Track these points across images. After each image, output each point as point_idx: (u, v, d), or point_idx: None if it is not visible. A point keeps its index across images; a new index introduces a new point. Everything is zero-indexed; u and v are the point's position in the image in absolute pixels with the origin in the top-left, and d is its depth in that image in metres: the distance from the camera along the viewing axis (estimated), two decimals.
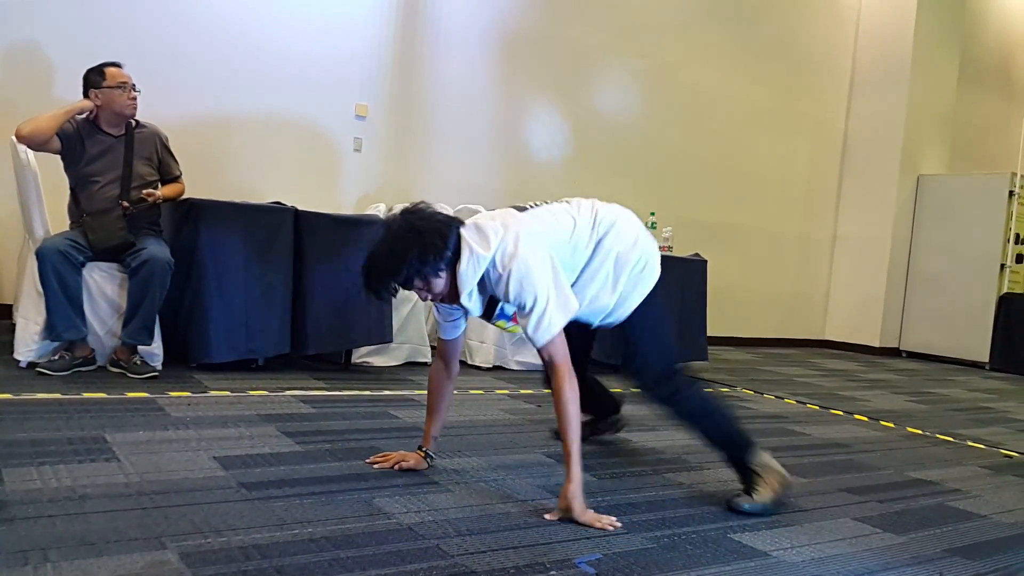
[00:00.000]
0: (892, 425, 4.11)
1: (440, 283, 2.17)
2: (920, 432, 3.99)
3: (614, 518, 2.13)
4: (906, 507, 2.61)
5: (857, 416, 4.28)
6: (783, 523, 2.30)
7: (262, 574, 1.60)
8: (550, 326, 2.14)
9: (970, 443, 3.82)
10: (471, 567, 1.75)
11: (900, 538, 2.27)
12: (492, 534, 1.96)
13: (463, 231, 2.19)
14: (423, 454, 2.47)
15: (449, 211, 4.58)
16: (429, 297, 2.21)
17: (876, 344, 8.08)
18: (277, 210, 3.93)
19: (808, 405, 4.51)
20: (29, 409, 2.72)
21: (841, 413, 4.34)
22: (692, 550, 2.00)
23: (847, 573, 1.95)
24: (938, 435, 3.95)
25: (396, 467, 2.40)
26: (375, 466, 2.41)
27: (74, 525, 1.76)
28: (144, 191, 3.59)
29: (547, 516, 2.12)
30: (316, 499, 2.08)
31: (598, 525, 2.08)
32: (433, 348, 4.57)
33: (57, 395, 2.96)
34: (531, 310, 2.14)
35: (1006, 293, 7.59)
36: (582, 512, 2.10)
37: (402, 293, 4.26)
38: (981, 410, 4.99)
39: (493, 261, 2.15)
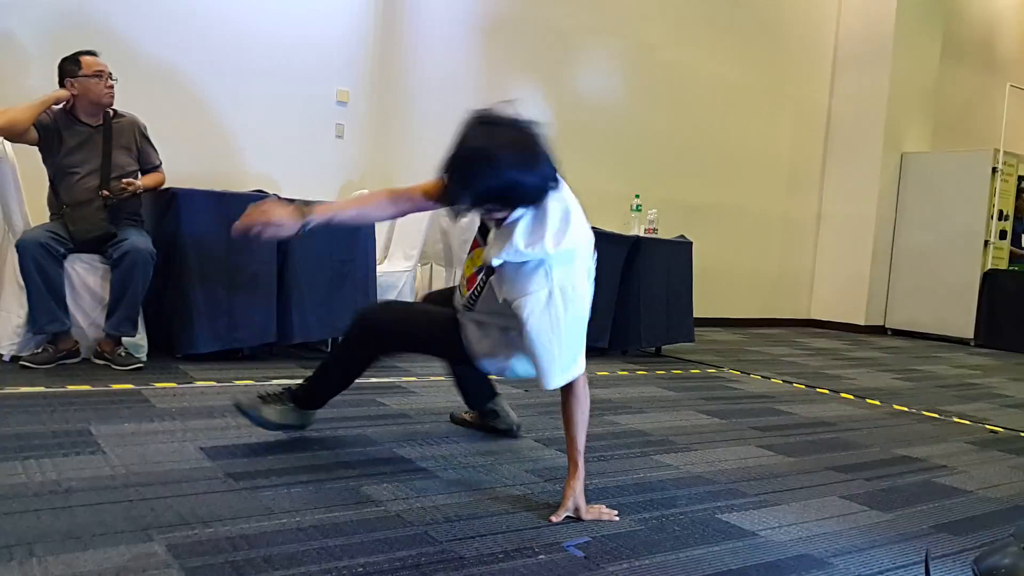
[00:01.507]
0: (878, 403, 4.14)
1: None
2: (906, 409, 4.02)
3: (615, 511, 2.09)
4: (893, 484, 2.62)
5: (843, 394, 4.31)
6: (770, 503, 2.31)
7: (250, 564, 1.60)
8: (576, 369, 2.02)
9: (956, 419, 3.85)
10: (460, 552, 1.75)
11: (887, 515, 2.29)
12: (480, 519, 1.96)
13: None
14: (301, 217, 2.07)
15: None
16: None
17: (861, 322, 8.13)
18: (259, 198, 3.89)
19: (794, 385, 4.54)
20: (13, 403, 2.70)
21: (827, 392, 4.37)
22: (680, 531, 2.01)
23: (834, 551, 1.97)
24: (924, 412, 3.97)
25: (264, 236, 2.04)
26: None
27: (60, 519, 1.74)
28: (124, 181, 3.55)
29: (552, 519, 2.00)
30: (304, 488, 2.08)
31: (605, 518, 2.05)
32: None
33: (41, 388, 2.94)
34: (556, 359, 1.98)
35: (990, 269, 7.64)
36: (587, 509, 2.05)
37: (389, 281, 4.22)
38: (966, 386, 5.03)
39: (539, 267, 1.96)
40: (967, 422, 3.80)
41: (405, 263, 4.61)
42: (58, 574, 1.49)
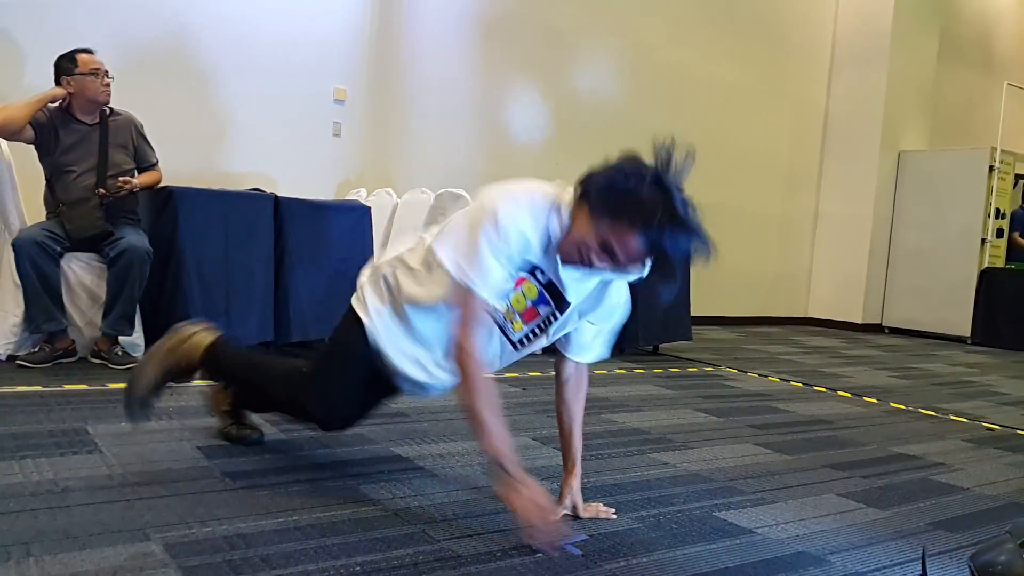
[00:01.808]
0: (875, 401, 4.14)
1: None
2: (903, 407, 4.02)
3: (612, 509, 2.09)
4: (889, 482, 2.63)
5: (840, 392, 4.31)
6: (767, 500, 2.32)
7: (247, 563, 1.59)
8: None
9: (952, 417, 3.85)
10: (457, 551, 1.75)
11: (884, 512, 2.29)
12: (478, 518, 1.96)
13: None
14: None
15: (431, 196, 4.53)
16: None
17: (859, 320, 8.13)
18: (257, 197, 3.90)
19: (791, 383, 4.54)
20: (9, 402, 2.70)
21: (824, 390, 4.37)
22: (677, 529, 2.01)
23: (832, 548, 1.97)
24: (921, 410, 3.98)
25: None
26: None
27: (57, 519, 1.74)
28: (120, 179, 3.55)
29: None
30: (301, 487, 2.08)
31: (603, 516, 2.04)
32: None
33: (38, 388, 2.93)
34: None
35: (987, 267, 7.66)
36: (584, 507, 2.04)
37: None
38: (963, 384, 5.03)
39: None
40: (964, 420, 3.80)
41: None
42: (55, 574, 1.48)
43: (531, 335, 1.96)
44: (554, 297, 1.89)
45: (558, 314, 1.91)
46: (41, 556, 1.55)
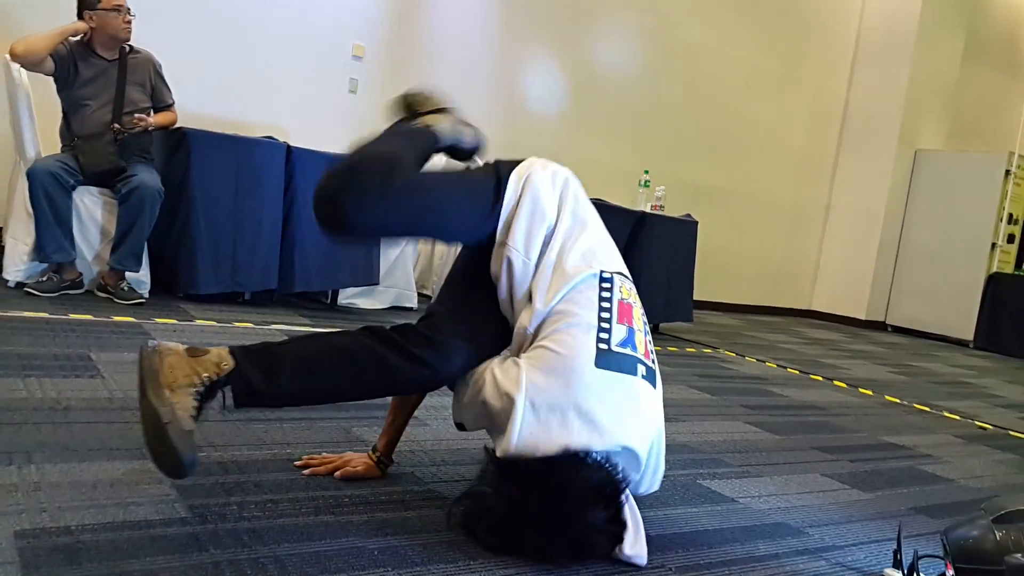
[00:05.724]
0: (870, 393, 4.17)
1: None
2: (898, 401, 4.05)
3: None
4: (876, 468, 2.66)
5: (836, 382, 4.34)
6: (752, 474, 2.35)
7: (240, 487, 1.64)
8: None
9: (946, 414, 3.88)
10: (443, 493, 1.79)
11: (867, 495, 2.33)
12: (466, 466, 2.00)
13: None
14: (375, 460, 1.82)
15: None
16: None
17: (862, 316, 8.14)
18: (269, 145, 3.92)
19: (788, 369, 4.56)
20: (16, 326, 2.74)
21: (821, 379, 4.40)
22: (660, 492, 2.03)
23: (811, 522, 2.00)
24: (915, 405, 4.01)
25: (338, 475, 1.77)
26: (305, 471, 1.77)
27: (58, 432, 1.79)
28: (135, 116, 3.57)
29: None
30: (296, 424, 2.11)
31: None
32: (420, 294, 4.59)
33: (44, 314, 2.98)
34: None
35: (995, 273, 7.64)
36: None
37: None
38: (960, 384, 5.05)
39: None
40: (957, 417, 3.83)
41: None
42: (55, 480, 1.53)
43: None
44: None
45: None
46: (42, 464, 1.59)
